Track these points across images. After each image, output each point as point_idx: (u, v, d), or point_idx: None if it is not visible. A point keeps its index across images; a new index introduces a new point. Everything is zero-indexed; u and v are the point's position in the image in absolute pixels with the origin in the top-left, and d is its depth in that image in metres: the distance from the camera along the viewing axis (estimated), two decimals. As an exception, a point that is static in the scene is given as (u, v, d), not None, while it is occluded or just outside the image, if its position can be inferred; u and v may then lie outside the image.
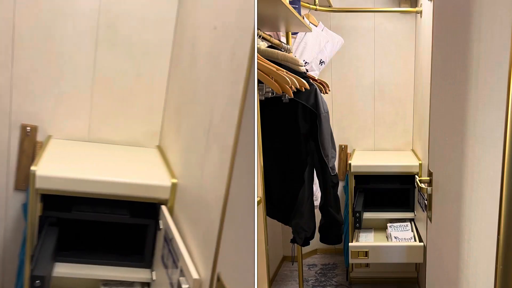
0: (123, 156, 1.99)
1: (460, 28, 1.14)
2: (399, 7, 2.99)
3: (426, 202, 1.54)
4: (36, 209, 1.61)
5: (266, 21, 2.05)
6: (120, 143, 2.11)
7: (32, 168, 1.59)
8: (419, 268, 2.83)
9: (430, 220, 1.51)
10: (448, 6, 1.28)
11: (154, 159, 1.97)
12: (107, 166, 1.82)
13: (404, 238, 2.62)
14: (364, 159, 2.88)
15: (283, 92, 1.74)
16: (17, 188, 2.04)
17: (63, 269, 1.66)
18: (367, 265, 2.88)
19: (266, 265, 1.58)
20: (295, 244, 2.11)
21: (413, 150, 3.09)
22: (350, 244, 2.59)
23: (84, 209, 1.69)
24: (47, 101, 2.02)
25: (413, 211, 2.81)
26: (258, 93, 1.70)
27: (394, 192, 2.92)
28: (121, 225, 1.79)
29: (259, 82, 1.70)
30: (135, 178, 1.69)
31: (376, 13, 3.04)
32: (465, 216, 1.10)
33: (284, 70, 1.77)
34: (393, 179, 2.85)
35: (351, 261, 2.60)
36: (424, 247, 2.43)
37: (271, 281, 2.90)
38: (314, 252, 3.35)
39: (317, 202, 2.27)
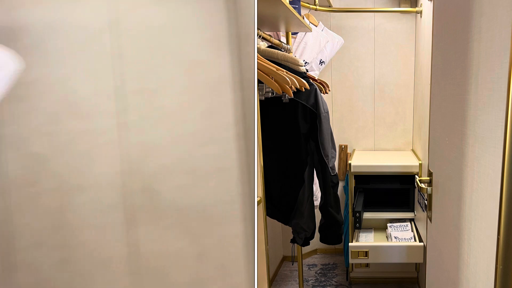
0: (394, 154, 3.10)
1: (460, 28, 1.14)
2: (399, 7, 2.99)
3: (426, 202, 1.54)
4: (351, 182, 2.74)
5: (266, 21, 2.05)
6: (390, 149, 3.22)
7: (349, 161, 2.76)
8: (419, 268, 2.83)
9: (430, 220, 1.51)
10: (448, 6, 1.28)
11: (410, 156, 2.98)
12: (385, 159, 2.94)
13: (404, 238, 2.62)
14: (364, 159, 2.88)
15: (283, 92, 1.74)
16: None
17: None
18: (367, 265, 2.88)
19: (266, 265, 1.58)
20: (295, 244, 2.11)
21: (413, 150, 3.09)
22: (350, 244, 2.59)
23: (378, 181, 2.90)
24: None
25: (413, 211, 2.81)
26: (258, 93, 1.70)
27: (394, 192, 2.92)
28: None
29: (259, 82, 1.70)
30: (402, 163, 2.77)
31: (376, 13, 3.04)
32: (465, 216, 1.10)
33: (284, 70, 1.77)
34: (393, 179, 2.85)
35: (351, 261, 2.60)
36: (424, 247, 2.43)
37: (271, 281, 2.90)
38: (314, 252, 3.35)
39: (317, 202, 2.27)
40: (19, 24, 1.33)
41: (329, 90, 2.46)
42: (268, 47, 2.06)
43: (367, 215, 2.79)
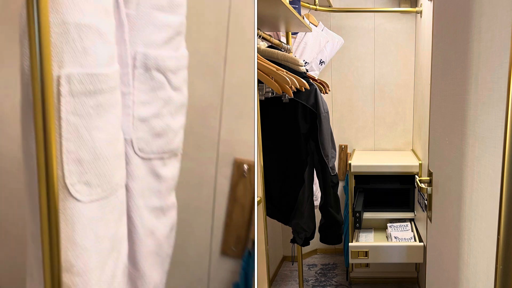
0: (394, 154, 3.11)
1: (460, 28, 1.14)
2: (399, 7, 2.99)
3: (426, 202, 1.54)
4: (351, 182, 2.78)
5: (266, 21, 2.05)
6: (390, 149, 3.23)
7: (349, 161, 2.77)
8: (419, 268, 2.83)
9: (430, 220, 1.51)
10: (448, 6, 1.28)
11: (410, 156, 2.99)
12: (385, 159, 2.95)
13: (404, 238, 2.62)
14: (364, 159, 2.88)
15: (283, 92, 1.74)
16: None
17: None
18: (367, 265, 2.88)
19: (266, 265, 1.58)
20: (295, 244, 2.11)
21: (413, 150, 3.09)
22: (350, 244, 2.59)
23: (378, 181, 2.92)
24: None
25: (413, 211, 2.81)
26: (258, 93, 1.70)
27: (394, 192, 2.92)
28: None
29: (259, 82, 1.70)
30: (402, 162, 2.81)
31: (376, 13, 3.04)
32: (465, 216, 1.10)
33: (284, 70, 1.77)
34: (393, 179, 2.85)
35: (351, 261, 2.60)
36: (424, 247, 2.43)
37: (271, 281, 2.90)
38: (314, 252, 3.35)
39: (317, 202, 2.27)
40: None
41: (329, 90, 2.46)
42: (268, 47, 2.06)
43: (367, 215, 2.79)
